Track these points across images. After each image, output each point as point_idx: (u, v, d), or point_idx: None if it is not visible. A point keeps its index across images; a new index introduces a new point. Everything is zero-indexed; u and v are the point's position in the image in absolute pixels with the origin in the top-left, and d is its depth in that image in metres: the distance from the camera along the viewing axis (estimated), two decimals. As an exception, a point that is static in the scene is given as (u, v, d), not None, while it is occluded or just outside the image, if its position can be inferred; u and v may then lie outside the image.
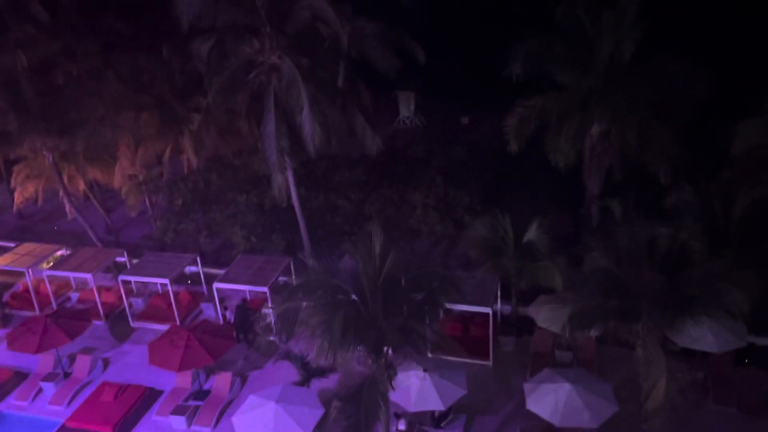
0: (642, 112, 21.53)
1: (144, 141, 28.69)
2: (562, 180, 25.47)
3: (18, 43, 27.11)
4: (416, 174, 28.84)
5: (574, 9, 22.02)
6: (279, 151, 22.93)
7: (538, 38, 22.29)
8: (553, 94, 22.69)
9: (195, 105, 28.25)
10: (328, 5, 22.27)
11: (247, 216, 27.60)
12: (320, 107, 22.18)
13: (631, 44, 21.61)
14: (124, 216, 33.33)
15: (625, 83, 21.73)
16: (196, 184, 29.23)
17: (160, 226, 28.94)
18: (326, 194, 28.38)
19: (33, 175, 30.08)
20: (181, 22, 22.56)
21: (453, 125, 41.09)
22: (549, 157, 22.60)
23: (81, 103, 27.57)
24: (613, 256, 16.75)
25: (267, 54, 22.93)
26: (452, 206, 26.88)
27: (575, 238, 20.29)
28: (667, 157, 21.53)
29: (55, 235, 33.37)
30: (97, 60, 29.28)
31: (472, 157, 30.67)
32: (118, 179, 29.48)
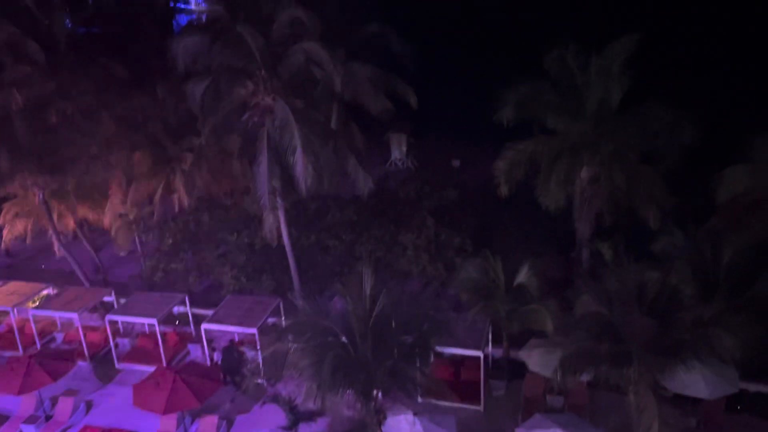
0: (631, 156, 21.86)
1: (136, 180, 28.68)
2: (552, 223, 25.63)
3: (13, 82, 27.28)
4: (407, 215, 28.92)
5: (563, 57, 22.52)
6: (271, 191, 22.99)
7: (528, 84, 22.72)
8: (543, 139, 23.01)
9: (188, 145, 28.39)
10: (322, 49, 22.69)
11: (237, 256, 27.47)
12: (313, 148, 22.36)
13: (619, 91, 22.06)
14: (113, 255, 33.06)
15: (613, 129, 22.10)
16: (187, 224, 29.16)
17: (150, 266, 28.72)
18: (317, 234, 28.34)
19: (22, 213, 29.89)
20: (177, 63, 22.91)
21: (444, 167, 41.44)
22: (539, 200, 22.76)
23: (74, 142, 27.64)
24: (604, 299, 16.75)
25: (261, 96, 23.20)
26: (443, 248, 26.88)
27: (566, 282, 20.29)
28: (656, 202, 21.76)
29: (42, 273, 32.99)
30: (91, 99, 29.47)
31: (464, 199, 30.85)
32: (108, 218, 29.35)
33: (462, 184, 33.06)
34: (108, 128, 28.55)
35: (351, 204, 29.60)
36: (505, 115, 22.68)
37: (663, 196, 21.79)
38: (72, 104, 29.09)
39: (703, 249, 19.79)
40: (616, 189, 21.95)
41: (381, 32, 31.94)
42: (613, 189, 22.07)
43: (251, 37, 22.30)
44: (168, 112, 29.26)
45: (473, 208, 30.22)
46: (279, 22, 23.16)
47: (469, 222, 28.85)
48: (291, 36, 23.35)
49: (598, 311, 16.69)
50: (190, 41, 23.14)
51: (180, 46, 23.00)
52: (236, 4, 25.54)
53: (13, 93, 26.71)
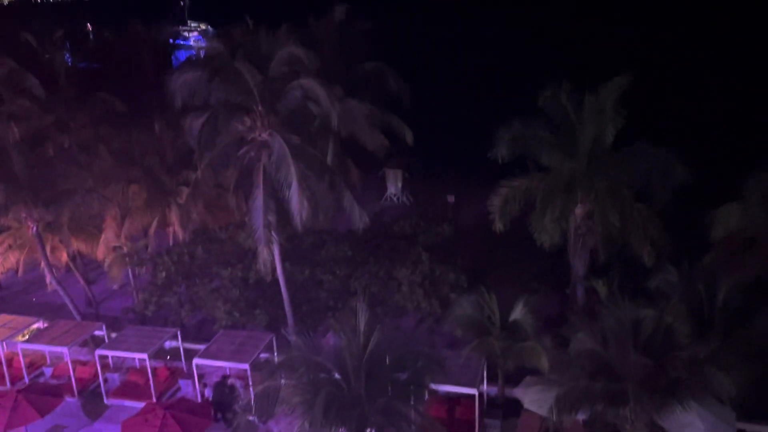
0: (624, 194, 22.04)
1: (131, 213, 28.69)
2: (547, 259, 25.67)
3: (12, 116, 27.51)
4: (403, 250, 28.91)
5: (556, 95, 22.86)
6: (266, 226, 23.01)
7: (522, 122, 23.00)
8: (537, 176, 23.19)
9: (184, 178, 28.49)
10: (320, 86, 22.99)
11: (230, 290, 27.30)
12: (309, 183, 22.47)
13: (613, 130, 22.35)
14: (105, 288, 32.80)
15: (607, 166, 22.33)
16: (181, 257, 29.04)
17: (142, 299, 28.50)
18: (312, 269, 28.24)
19: (15, 246, 29.73)
20: (175, 98, 23.15)
21: (440, 203, 41.60)
22: (534, 236, 22.83)
23: (70, 175, 27.72)
24: (599, 337, 16.67)
25: (258, 131, 23.38)
26: (438, 283, 26.81)
27: (561, 319, 20.23)
28: (650, 239, 21.86)
29: (33, 307, 32.64)
30: (89, 133, 29.72)
31: (459, 234, 30.92)
32: (102, 251, 29.23)
33: (457, 220, 33.21)
34: (105, 161, 28.70)
35: (346, 239, 29.60)
36: (499, 151, 22.90)
37: (657, 234, 21.91)
38: (70, 137, 29.33)
39: (697, 287, 19.80)
40: (610, 226, 22.05)
41: (378, 70, 32.56)
42: (607, 226, 22.16)
43: (249, 73, 22.62)
44: (165, 146, 29.45)
45: (468, 244, 30.28)
46: (277, 59, 23.52)
47: (464, 258, 28.85)
48: (289, 73, 23.70)
49: (593, 349, 16.60)
50: (188, 77, 23.43)
51: (179, 81, 23.28)
52: (235, 41, 26.03)
53: (11, 126, 26.88)
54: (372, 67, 32.47)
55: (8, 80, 29.76)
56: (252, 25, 27.45)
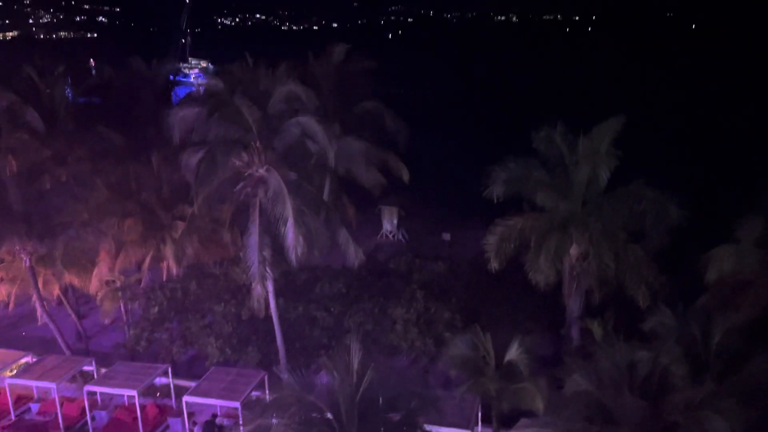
0: (619, 235, 22.11)
1: (125, 247, 28.59)
2: (542, 299, 25.57)
3: (10, 149, 27.63)
4: (397, 288, 28.77)
5: (551, 136, 23.14)
6: (261, 261, 22.93)
7: (517, 162, 23.21)
8: (532, 215, 23.30)
9: (180, 213, 28.50)
10: (317, 123, 23.23)
11: (223, 326, 27.04)
12: (304, 220, 22.48)
13: (607, 171, 22.55)
14: (97, 322, 32.50)
15: (602, 207, 22.45)
16: (174, 292, 28.83)
17: (133, 335, 28.17)
18: (306, 306, 28.04)
19: (7, 279, 29.56)
20: (173, 133, 23.33)
21: (435, 241, 41.63)
22: (529, 275, 22.80)
23: (65, 208, 27.74)
24: (594, 379, 16.48)
25: (255, 167, 23.51)
26: (433, 322, 26.61)
27: (556, 359, 20.04)
28: (644, 280, 21.85)
29: (23, 341, 32.25)
30: (86, 166, 29.83)
31: (454, 273, 30.83)
32: (94, 284, 29.05)
33: (452, 258, 33.16)
34: (101, 195, 28.73)
35: (341, 275, 29.48)
36: (494, 190, 23.06)
37: (651, 275, 21.91)
38: (67, 171, 29.43)
39: (693, 329, 19.69)
40: (604, 267, 22.07)
41: (375, 109, 32.93)
42: (602, 267, 22.18)
43: (248, 109, 22.86)
44: (162, 181, 29.54)
45: (463, 283, 30.16)
46: (276, 96, 23.83)
47: (459, 296, 28.71)
48: (287, 110, 23.97)
49: (588, 391, 16.40)
50: (187, 112, 23.69)
51: (177, 116, 23.53)
52: (235, 78, 26.37)
53: (8, 159, 26.99)
54: (369, 106, 32.85)
55: (8, 114, 30.01)
56: (252, 62, 27.86)
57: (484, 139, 66.09)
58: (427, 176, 44.52)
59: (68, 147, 30.90)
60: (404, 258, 31.74)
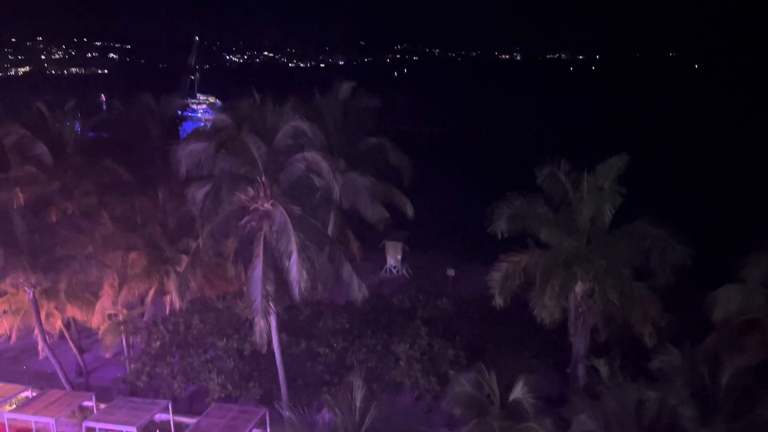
0: (624, 273, 21.99)
1: (129, 280, 28.56)
2: (547, 336, 25.33)
3: (18, 181, 27.87)
4: (401, 324, 28.55)
5: (555, 174, 23.23)
6: (264, 296, 22.84)
7: (521, 199, 23.25)
8: (537, 252, 23.24)
9: (184, 247, 28.53)
10: (323, 159, 23.40)
11: (225, 361, 26.79)
12: (308, 254, 22.47)
13: (611, 208, 22.57)
14: (98, 356, 32.25)
15: (606, 244, 22.40)
16: (176, 327, 28.68)
17: (134, 369, 27.92)
18: (308, 341, 27.81)
19: (10, 311, 29.48)
20: (180, 168, 23.52)
21: (439, 276, 41.44)
22: (534, 312, 22.63)
23: (70, 241, 27.79)
24: (601, 419, 16.24)
25: (260, 201, 23.61)
26: (437, 359, 26.31)
27: (562, 399, 19.75)
28: (650, 319, 21.64)
29: (23, 374, 31.99)
30: (92, 200, 30.01)
31: (458, 309, 30.61)
32: (97, 318, 28.94)
33: (456, 294, 32.97)
34: (106, 228, 28.84)
35: (344, 311, 29.30)
36: (499, 227, 23.07)
37: (657, 313, 21.72)
38: (73, 204, 29.61)
39: (700, 369, 19.43)
40: (610, 304, 21.90)
41: (380, 144, 33.22)
42: (607, 304, 22.02)
43: (255, 144, 23.07)
44: (167, 215, 29.66)
45: (468, 319, 29.92)
46: (282, 132, 24.06)
47: (463, 333, 28.44)
48: (293, 145, 24.18)
49: (595, 431, 16.12)
50: (194, 147, 23.91)
51: (185, 151, 23.75)
52: (242, 113, 26.69)
53: (16, 191, 27.18)
54: (374, 142, 33.15)
55: (18, 147, 30.37)
56: (259, 99, 28.22)
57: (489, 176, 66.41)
58: (431, 212, 44.67)
59: (75, 180, 31.17)
60: (408, 294, 31.58)
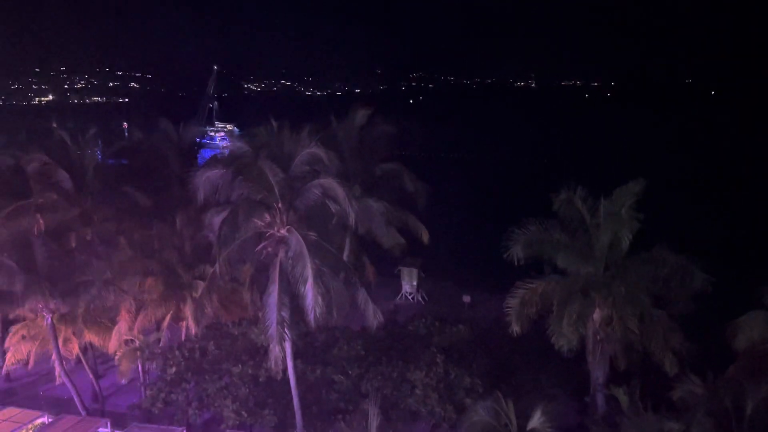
0: (643, 300, 21.68)
1: (146, 306, 28.70)
2: (566, 364, 24.95)
3: (39, 208, 28.27)
4: (417, 351, 28.28)
5: (571, 199, 23.12)
6: (279, 322, 22.80)
7: (537, 225, 23.14)
8: (554, 278, 23.03)
9: (200, 272, 28.65)
10: (338, 185, 23.53)
11: (240, 388, 26.66)
12: (324, 280, 22.46)
13: (629, 234, 22.35)
14: (114, 382, 32.29)
15: (624, 271, 22.16)
16: (192, 353, 28.66)
17: (150, 396, 27.86)
18: (323, 368, 27.63)
19: (29, 337, 29.68)
20: (198, 194, 23.76)
21: (455, 303, 41.17)
22: (552, 340, 22.35)
23: (89, 267, 28.04)
24: (622, 451, 15.86)
25: (277, 227, 23.73)
26: (453, 387, 25.98)
27: (581, 428, 19.39)
28: (671, 347, 21.26)
29: (40, 400, 32.07)
30: (111, 226, 30.34)
31: (475, 336, 30.30)
32: (114, 343, 29.03)
33: (473, 321, 32.68)
34: (124, 254, 29.09)
35: (359, 337, 29.12)
36: (515, 253, 22.93)
37: (678, 342, 21.35)
38: (92, 230, 29.92)
39: (724, 399, 18.97)
40: (629, 332, 21.57)
41: (395, 170, 33.38)
42: (626, 332, 21.69)
43: (271, 171, 23.27)
44: (184, 240, 29.88)
45: (484, 346, 29.59)
46: (299, 159, 24.26)
47: (480, 361, 28.11)
48: (309, 172, 24.35)
49: (616, 463, 15.75)
50: (212, 174, 24.17)
51: (202, 177, 24.00)
52: (259, 141, 27.01)
53: (37, 218, 27.55)
54: (389, 168, 33.31)
55: (40, 174, 30.91)
56: (276, 126, 28.55)
57: (504, 202, 66.28)
58: (446, 238, 44.53)
59: (95, 207, 31.59)
60: (424, 320, 31.37)
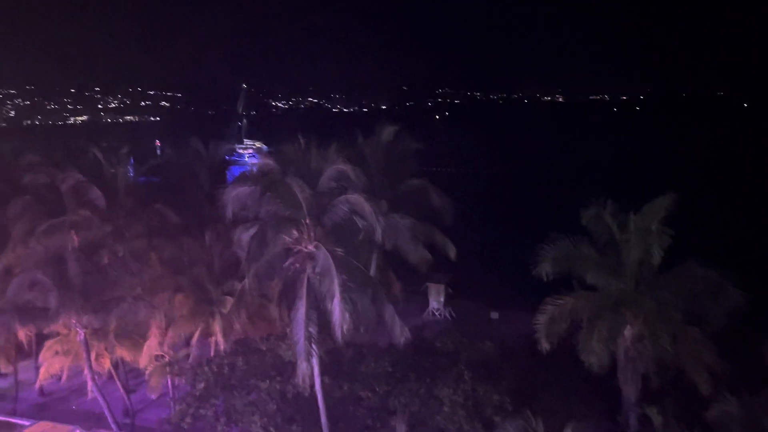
0: (675, 316, 21.24)
1: (175, 321, 29.05)
2: (596, 382, 24.48)
3: (72, 225, 28.92)
4: (444, 368, 28.05)
5: (600, 215, 22.86)
6: (307, 338, 22.87)
7: (566, 240, 22.91)
8: (583, 294, 22.72)
9: (229, 288, 28.95)
10: (365, 201, 23.65)
11: (268, 404, 26.74)
12: (351, 296, 22.51)
13: (660, 250, 21.98)
14: (144, 397, 32.63)
15: (656, 287, 21.77)
16: (221, 368, 28.87)
17: (179, 411, 28.08)
18: (351, 384, 27.57)
19: (62, 352, 30.23)
20: (227, 211, 24.10)
21: (483, 319, 40.85)
22: (582, 357, 22.00)
23: (121, 283, 28.54)
24: (655, 471, 15.49)
25: (304, 243, 23.89)
26: (481, 404, 25.67)
27: (613, 449, 18.96)
28: (705, 365, 20.74)
29: (72, 414, 32.60)
30: (142, 242, 30.88)
31: (503, 353, 29.98)
32: (144, 359, 29.41)
33: (501, 338, 32.35)
34: (155, 270, 29.55)
35: (386, 354, 29.02)
36: (543, 269, 22.71)
37: (712, 360, 20.80)
38: (124, 246, 30.48)
39: (760, 419, 18.47)
40: (662, 350, 21.11)
41: (422, 186, 33.40)
42: (658, 350, 21.24)
43: (299, 188, 23.50)
44: (213, 257, 30.25)
45: (513, 364, 29.24)
46: (326, 175, 24.50)
47: (508, 378, 27.75)
48: (337, 188, 24.55)
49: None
50: (241, 190, 24.51)
51: (231, 194, 24.35)
52: (287, 158, 27.33)
53: (71, 235, 28.17)
54: (416, 184, 33.36)
55: (74, 191, 31.66)
56: (303, 143, 28.89)
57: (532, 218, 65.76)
58: (474, 254, 44.29)
59: (127, 223, 32.20)
60: (451, 337, 31.15)
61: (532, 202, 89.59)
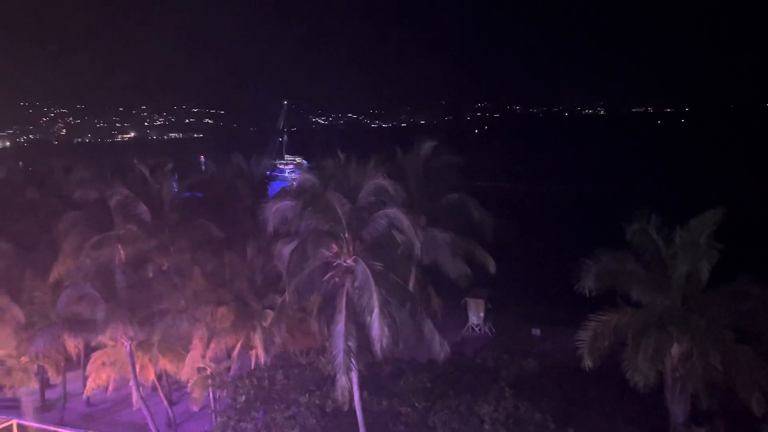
0: (725, 334, 20.51)
1: (217, 334, 29.47)
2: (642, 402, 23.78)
3: (120, 240, 29.74)
4: (484, 385, 27.68)
5: (645, 229, 22.34)
6: (346, 352, 22.88)
7: (610, 255, 22.44)
8: (628, 310, 22.15)
9: (270, 302, 29.24)
10: (404, 215, 23.66)
11: (307, 418, 26.78)
12: (390, 310, 22.45)
13: (708, 266, 21.32)
14: (186, 409, 33.11)
15: (704, 304, 21.09)
16: (261, 381, 29.09)
17: (220, 423, 28.37)
18: (389, 400, 27.42)
19: (108, 363, 30.97)
20: (268, 225, 24.42)
21: (524, 336, 40.22)
22: (627, 375, 21.41)
23: (165, 296, 29.14)
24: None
25: (344, 257, 24.00)
26: (523, 423, 25.20)
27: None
28: (758, 385, 19.93)
29: (117, 425, 33.27)
30: (186, 256, 31.52)
31: (545, 370, 29.43)
32: (186, 371, 29.87)
33: (543, 354, 31.83)
34: (198, 284, 30.08)
35: (426, 369, 28.80)
36: (586, 284, 22.26)
37: (765, 379, 19.97)
38: (168, 260, 31.18)
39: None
40: (711, 369, 20.39)
41: (461, 200, 33.25)
42: (708, 369, 20.51)
43: (339, 202, 23.68)
44: (255, 271, 30.65)
45: (555, 381, 28.67)
46: (365, 190, 24.62)
47: (550, 395, 27.21)
48: (376, 202, 24.64)
49: None
50: (282, 205, 24.84)
51: (272, 209, 24.69)
52: (327, 173, 27.60)
53: (118, 249, 28.97)
54: (455, 198, 33.23)
55: (121, 207, 32.59)
56: (343, 158, 29.15)
57: (574, 232, 64.64)
58: (514, 269, 43.74)
59: (171, 238, 32.93)
60: (491, 353, 30.77)
61: (574, 216, 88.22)
